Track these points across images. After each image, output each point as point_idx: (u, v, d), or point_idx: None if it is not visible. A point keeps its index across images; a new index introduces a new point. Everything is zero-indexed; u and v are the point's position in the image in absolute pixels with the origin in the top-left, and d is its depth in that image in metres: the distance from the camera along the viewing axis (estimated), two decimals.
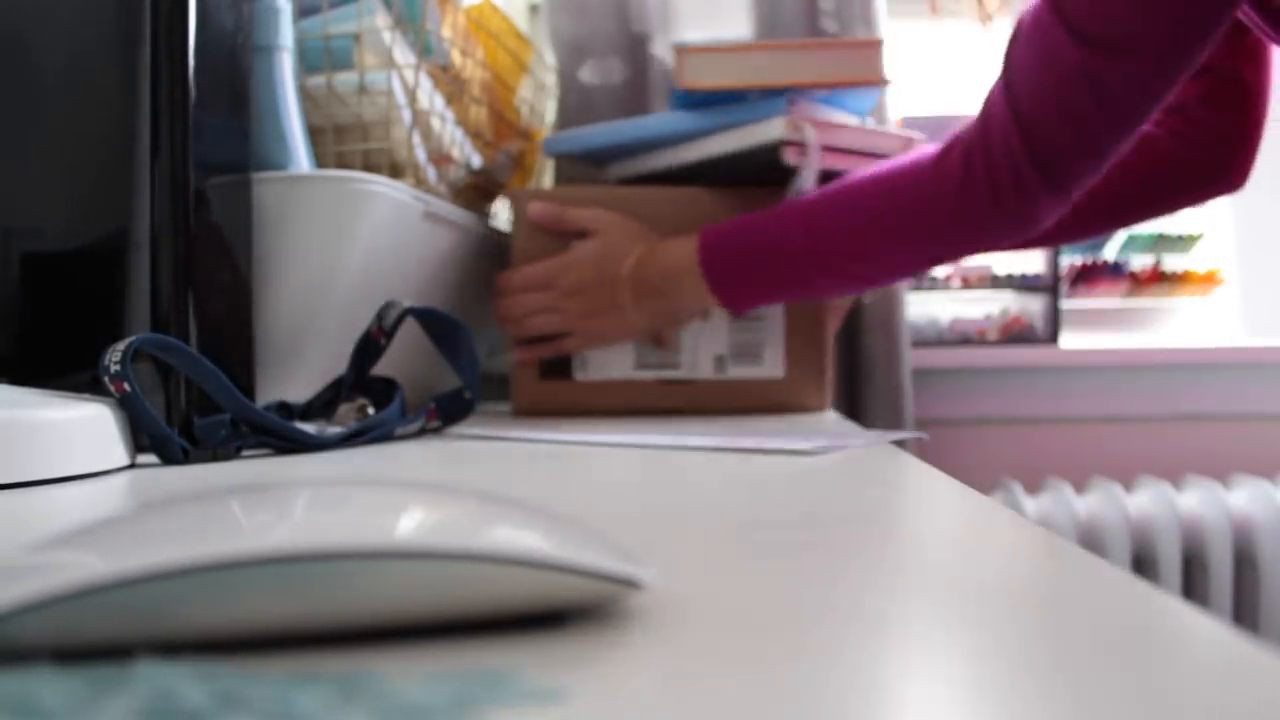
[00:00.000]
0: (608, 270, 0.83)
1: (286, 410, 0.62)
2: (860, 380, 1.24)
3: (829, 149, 0.82)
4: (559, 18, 1.19)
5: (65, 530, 0.21)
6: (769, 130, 0.80)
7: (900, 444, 0.61)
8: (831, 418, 0.82)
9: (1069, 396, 1.38)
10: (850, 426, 0.75)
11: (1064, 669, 0.17)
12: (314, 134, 0.76)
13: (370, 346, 0.65)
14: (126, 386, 0.48)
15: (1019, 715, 0.15)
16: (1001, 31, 0.86)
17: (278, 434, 0.54)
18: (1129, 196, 0.89)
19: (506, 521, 0.22)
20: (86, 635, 0.18)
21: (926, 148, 0.78)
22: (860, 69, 0.83)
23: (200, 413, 0.53)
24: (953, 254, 0.79)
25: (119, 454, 0.48)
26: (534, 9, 1.31)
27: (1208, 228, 1.53)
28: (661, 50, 1.21)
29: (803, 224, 0.78)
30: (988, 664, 0.18)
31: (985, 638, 0.19)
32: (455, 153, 0.88)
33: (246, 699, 0.15)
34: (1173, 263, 1.54)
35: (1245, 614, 1.22)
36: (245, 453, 0.54)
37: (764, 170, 0.82)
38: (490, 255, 0.93)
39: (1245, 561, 1.22)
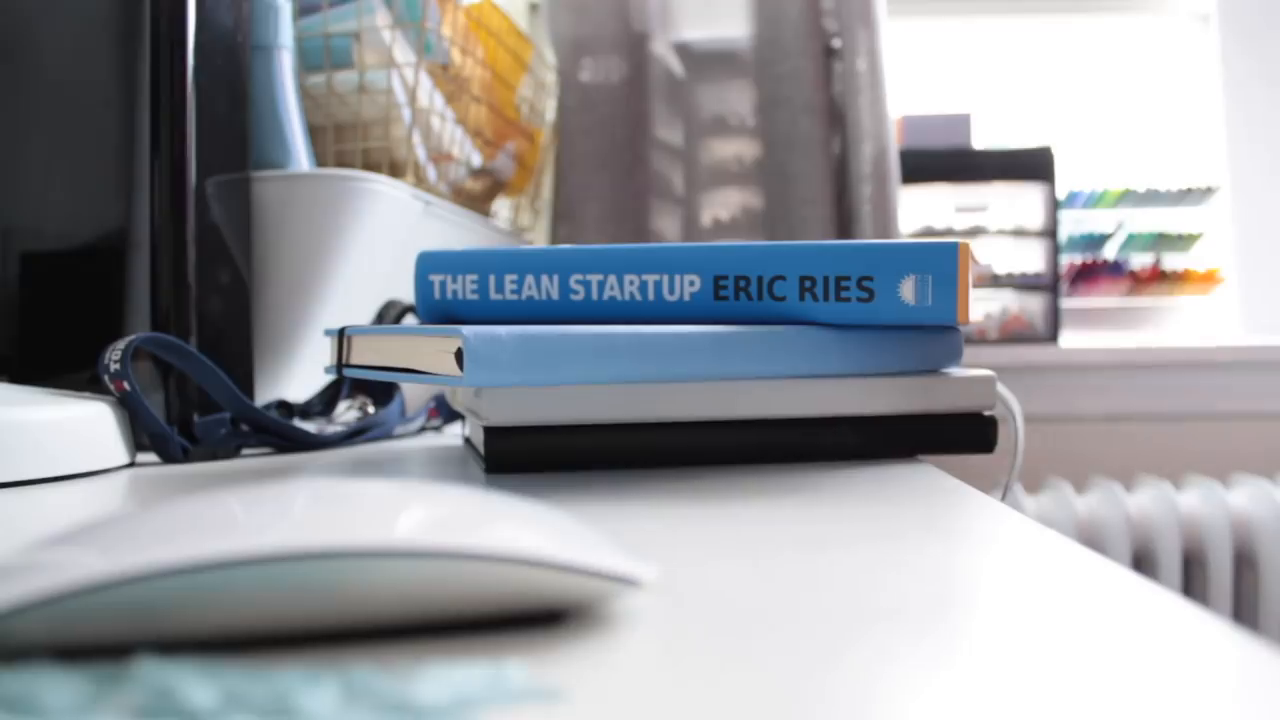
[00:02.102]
0: None
1: (286, 409, 0.62)
2: None
3: None
4: (559, 16, 1.19)
5: (65, 529, 0.21)
6: None
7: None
8: None
9: (1069, 396, 1.38)
10: None
11: (1064, 668, 0.17)
12: (314, 132, 0.76)
13: None
14: (126, 385, 0.48)
15: (1019, 714, 0.15)
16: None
17: (277, 433, 0.54)
18: None
19: (506, 520, 0.22)
20: (87, 634, 0.18)
21: None
22: None
23: (200, 411, 0.53)
24: None
25: (119, 453, 0.48)
26: (534, 8, 1.31)
27: (1208, 227, 1.53)
28: (661, 49, 1.21)
29: None
30: (987, 663, 0.18)
31: (985, 637, 0.19)
32: (455, 151, 0.88)
33: (247, 697, 0.15)
34: (1173, 261, 1.54)
35: (1245, 613, 1.22)
36: (245, 451, 0.54)
37: None
38: None
39: (1245, 561, 1.22)
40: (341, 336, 0.47)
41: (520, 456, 0.43)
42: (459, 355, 0.38)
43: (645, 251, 0.46)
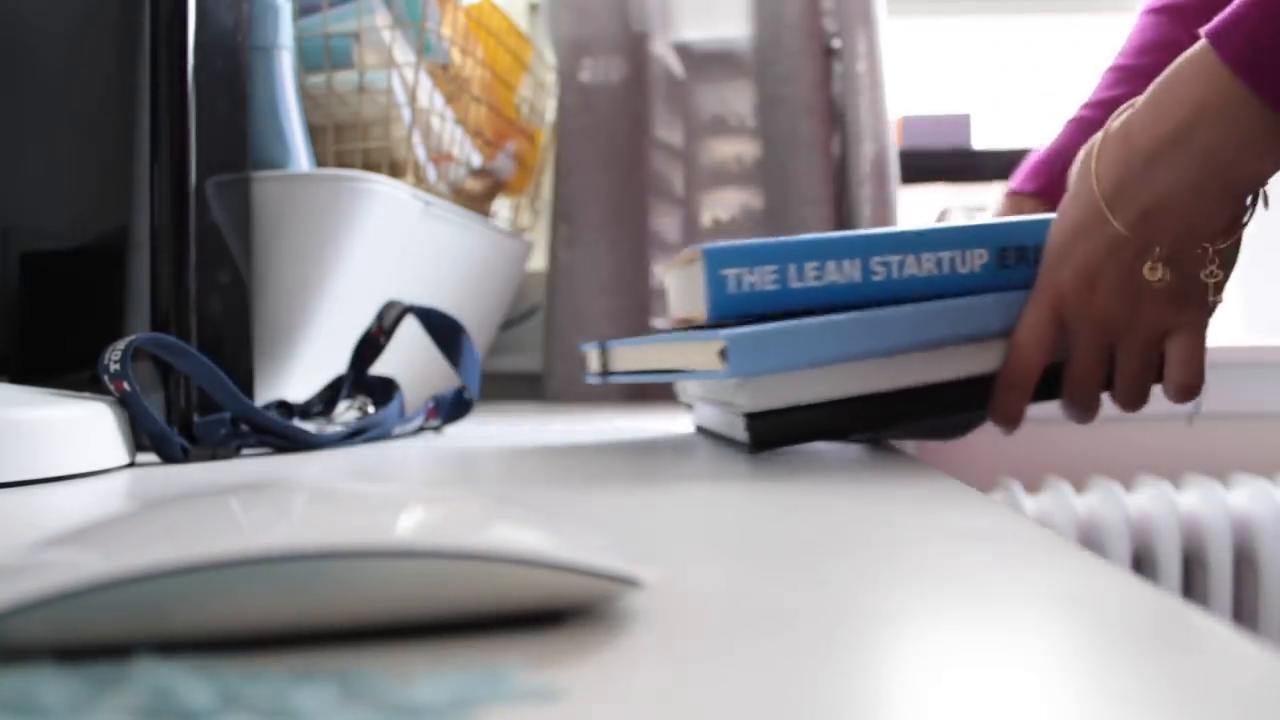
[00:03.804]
0: (1088, 238, 0.50)
1: (286, 409, 0.62)
2: None
3: None
4: (559, 16, 1.19)
5: (65, 529, 0.21)
6: None
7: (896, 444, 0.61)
8: None
9: None
10: None
11: (1063, 668, 0.17)
12: (314, 133, 0.76)
13: (370, 345, 0.65)
14: (126, 385, 0.48)
15: (1018, 715, 0.15)
16: None
17: (277, 433, 0.54)
18: None
19: (506, 520, 0.22)
20: (86, 634, 0.18)
21: None
22: None
23: (200, 411, 0.53)
24: None
25: (119, 453, 0.48)
26: (534, 8, 1.31)
27: None
28: (661, 49, 1.21)
29: None
30: (987, 664, 0.18)
31: (985, 637, 0.19)
32: (455, 151, 0.88)
33: (246, 697, 0.15)
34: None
35: (1245, 613, 1.22)
36: (245, 451, 0.54)
37: None
38: (489, 254, 0.93)
39: (1245, 561, 1.21)
40: (603, 350, 0.55)
41: (779, 435, 0.49)
42: (723, 353, 0.45)
43: (938, 233, 0.52)
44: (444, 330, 0.67)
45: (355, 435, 0.58)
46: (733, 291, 0.50)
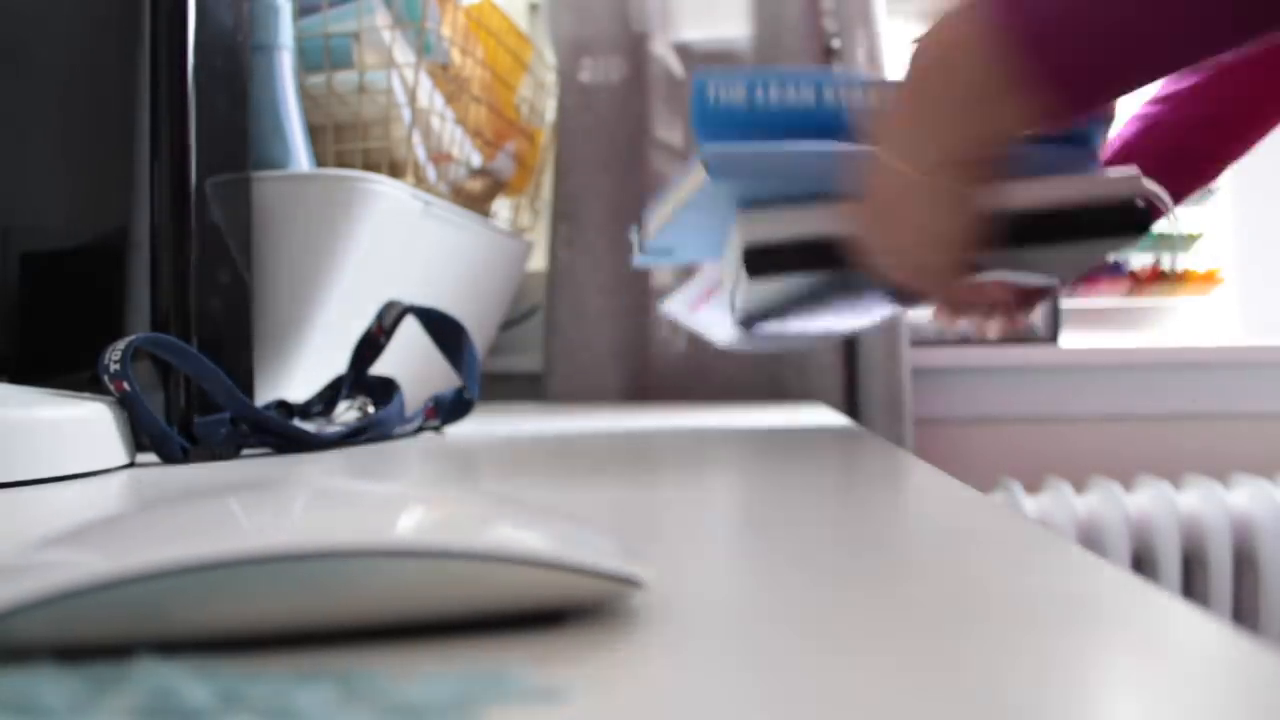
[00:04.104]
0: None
1: (286, 409, 0.62)
2: (859, 378, 1.24)
3: None
4: (559, 16, 1.19)
5: (65, 529, 0.21)
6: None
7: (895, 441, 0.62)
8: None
9: (1069, 396, 1.38)
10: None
11: (1064, 668, 0.17)
12: (314, 132, 0.76)
13: (370, 345, 0.65)
14: (126, 385, 0.48)
15: (1018, 714, 0.15)
16: None
17: (277, 433, 0.54)
18: None
19: (506, 520, 0.22)
20: (86, 634, 0.18)
21: None
22: None
23: (200, 411, 0.53)
24: None
25: (119, 453, 0.48)
26: (534, 8, 1.31)
27: (1207, 227, 1.53)
28: (661, 49, 1.21)
29: None
30: (988, 663, 0.18)
31: (985, 637, 0.19)
32: (455, 151, 0.88)
33: (246, 697, 0.15)
34: (1172, 261, 1.54)
35: (1245, 613, 1.22)
36: (245, 452, 0.54)
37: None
38: (489, 254, 0.93)
39: (1245, 561, 1.22)
40: (639, 227, 0.66)
41: (768, 264, 0.57)
42: (706, 166, 0.55)
43: (876, 76, 0.61)
44: (444, 330, 0.67)
45: (355, 435, 0.58)
46: (711, 105, 0.59)
